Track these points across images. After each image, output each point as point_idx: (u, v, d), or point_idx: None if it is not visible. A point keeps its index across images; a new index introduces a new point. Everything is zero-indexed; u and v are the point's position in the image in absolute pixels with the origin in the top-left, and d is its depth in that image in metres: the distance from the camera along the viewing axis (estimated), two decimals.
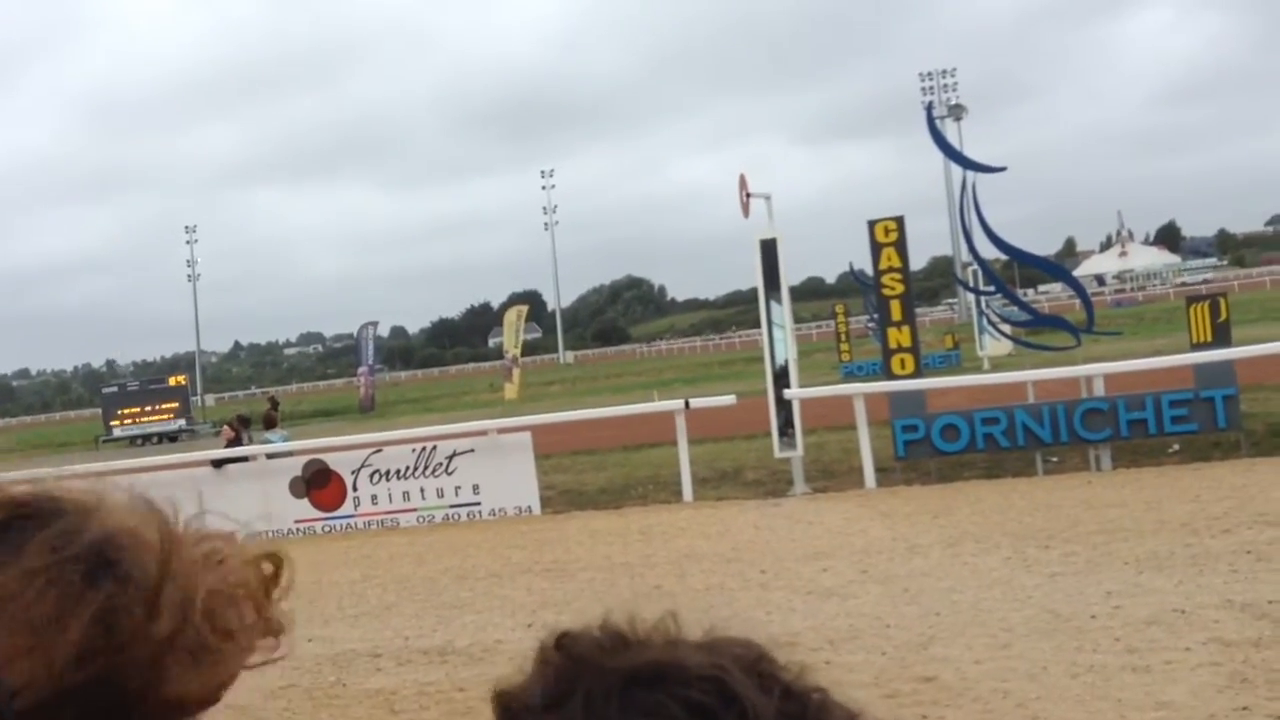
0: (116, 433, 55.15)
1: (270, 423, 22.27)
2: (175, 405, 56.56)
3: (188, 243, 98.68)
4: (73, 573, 0.69)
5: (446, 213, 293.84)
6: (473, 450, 16.68)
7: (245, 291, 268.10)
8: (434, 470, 16.59)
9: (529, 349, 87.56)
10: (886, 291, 17.50)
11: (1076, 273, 40.00)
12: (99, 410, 61.06)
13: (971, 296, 40.59)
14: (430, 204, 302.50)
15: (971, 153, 19.37)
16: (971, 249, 18.97)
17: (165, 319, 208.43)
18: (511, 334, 55.93)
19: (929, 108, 30.40)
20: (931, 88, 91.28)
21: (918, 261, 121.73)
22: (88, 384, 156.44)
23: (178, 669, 0.71)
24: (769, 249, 16.86)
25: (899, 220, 17.43)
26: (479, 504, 16.43)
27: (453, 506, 16.48)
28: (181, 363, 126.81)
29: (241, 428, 20.12)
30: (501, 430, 17.33)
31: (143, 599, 0.71)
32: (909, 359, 17.24)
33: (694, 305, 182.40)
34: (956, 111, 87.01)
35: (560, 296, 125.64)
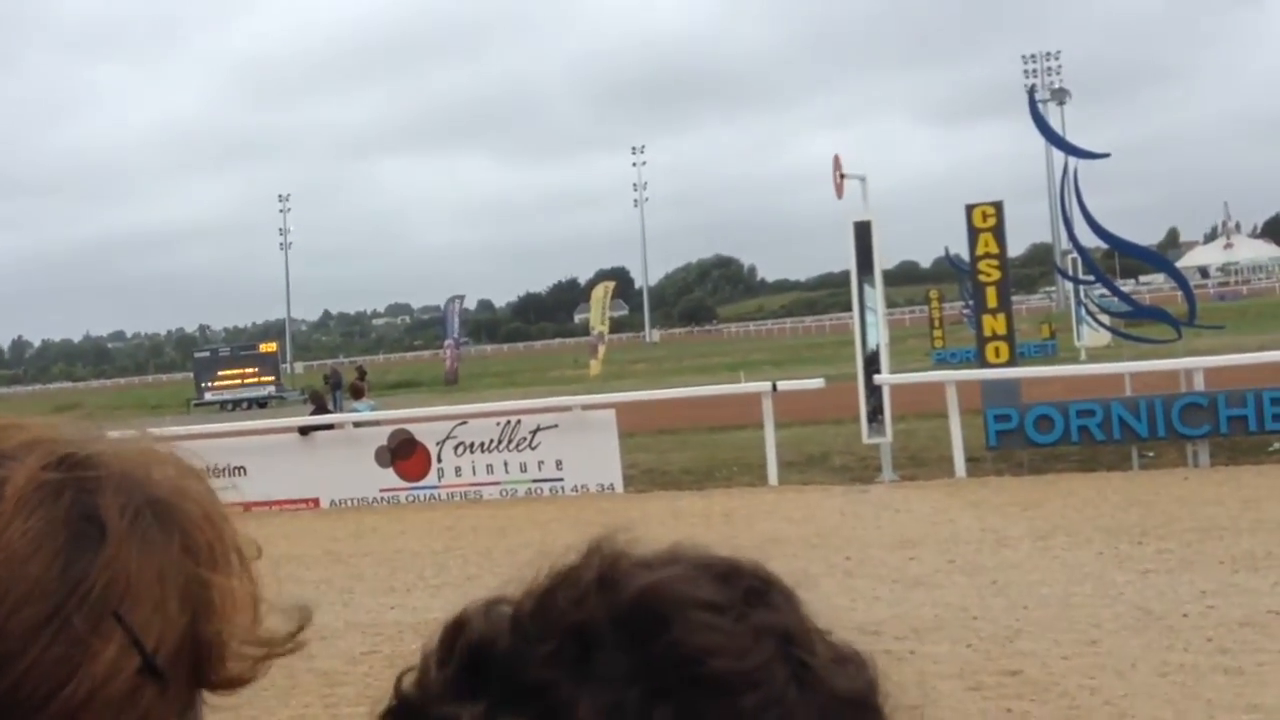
0: (208, 397, 56.15)
1: (358, 392, 22.60)
2: (265, 371, 57.50)
3: (281, 211, 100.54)
4: (152, 529, 0.71)
5: (551, 187, 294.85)
6: (557, 426, 16.71)
7: (340, 261, 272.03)
8: (518, 445, 16.65)
9: (615, 326, 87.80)
10: (983, 278, 17.20)
11: (1179, 264, 39.04)
12: (191, 374, 62.04)
13: (1070, 285, 39.82)
14: (539, 178, 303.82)
15: (1075, 139, 18.92)
16: (1071, 237, 18.55)
17: (260, 286, 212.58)
18: (598, 310, 55.98)
19: (1031, 91, 29.85)
20: (1034, 70, 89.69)
21: (1016, 248, 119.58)
22: (181, 348, 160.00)
23: (236, 617, 0.74)
24: (863, 231, 16.65)
25: (997, 205, 17.11)
26: (562, 480, 16.46)
27: (535, 481, 16.54)
28: (272, 330, 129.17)
29: (334, 386, 20.45)
30: (586, 407, 17.35)
31: (207, 551, 0.73)
32: (1004, 347, 16.92)
33: (784, 287, 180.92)
34: (1060, 95, 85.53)
35: (649, 274, 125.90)
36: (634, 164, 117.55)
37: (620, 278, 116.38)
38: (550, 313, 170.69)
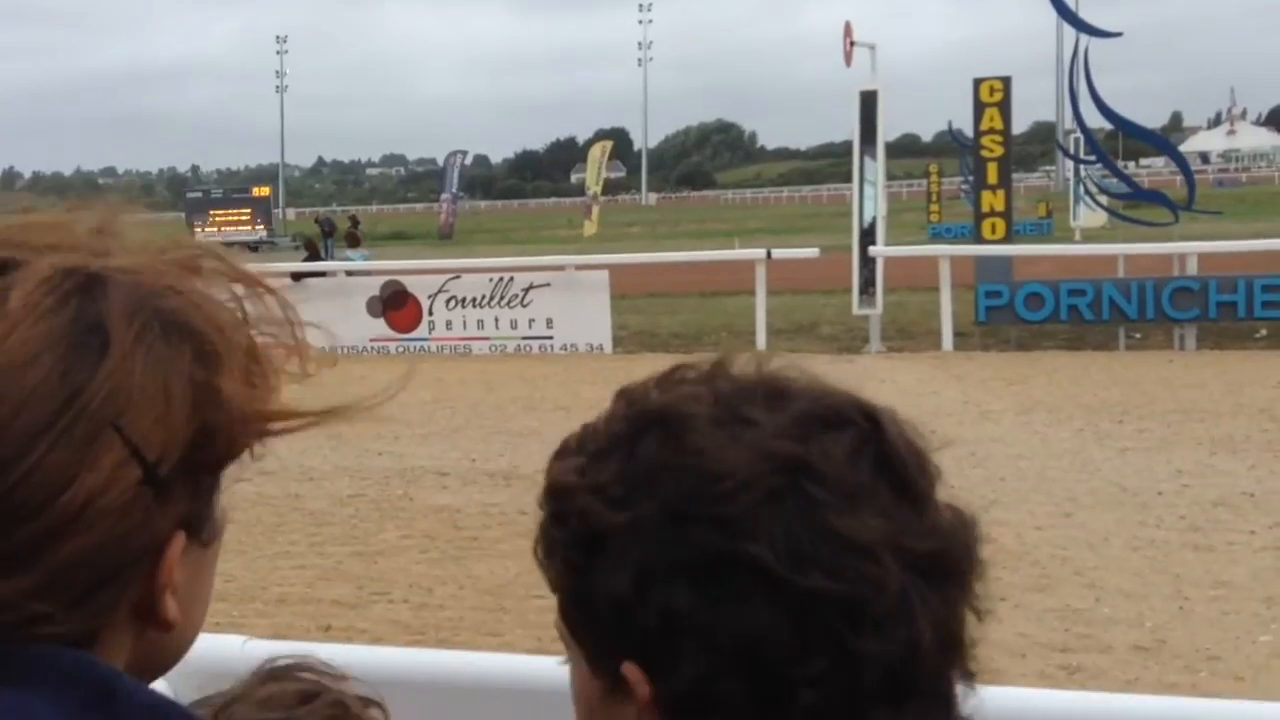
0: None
1: (354, 241, 22.49)
2: (258, 216, 57.10)
3: (278, 53, 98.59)
4: (159, 341, 0.71)
5: (557, 41, 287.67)
6: (549, 285, 16.70)
7: (337, 108, 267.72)
8: (509, 301, 16.67)
9: (611, 188, 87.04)
10: (985, 154, 17.03)
11: (1181, 149, 38.70)
12: (182, 214, 61.40)
13: (1070, 164, 39.50)
14: (546, 31, 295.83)
15: (1088, 16, 18.56)
16: (1077, 115, 18.35)
17: (254, 129, 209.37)
18: (594, 170, 55.28)
19: None
20: None
21: (1019, 125, 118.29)
22: (173, 188, 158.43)
23: (242, 394, 0.75)
24: (869, 101, 16.46)
25: (1005, 80, 16.88)
26: (551, 338, 16.52)
27: (525, 338, 16.60)
28: (265, 174, 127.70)
29: (326, 234, 20.36)
30: (579, 267, 17.31)
31: (217, 360, 0.74)
32: (1000, 224, 16.84)
33: (784, 155, 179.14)
34: None
35: (648, 137, 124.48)
36: (639, 21, 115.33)
37: (619, 139, 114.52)
38: (547, 171, 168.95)
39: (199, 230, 55.90)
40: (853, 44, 16.76)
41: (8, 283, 0.70)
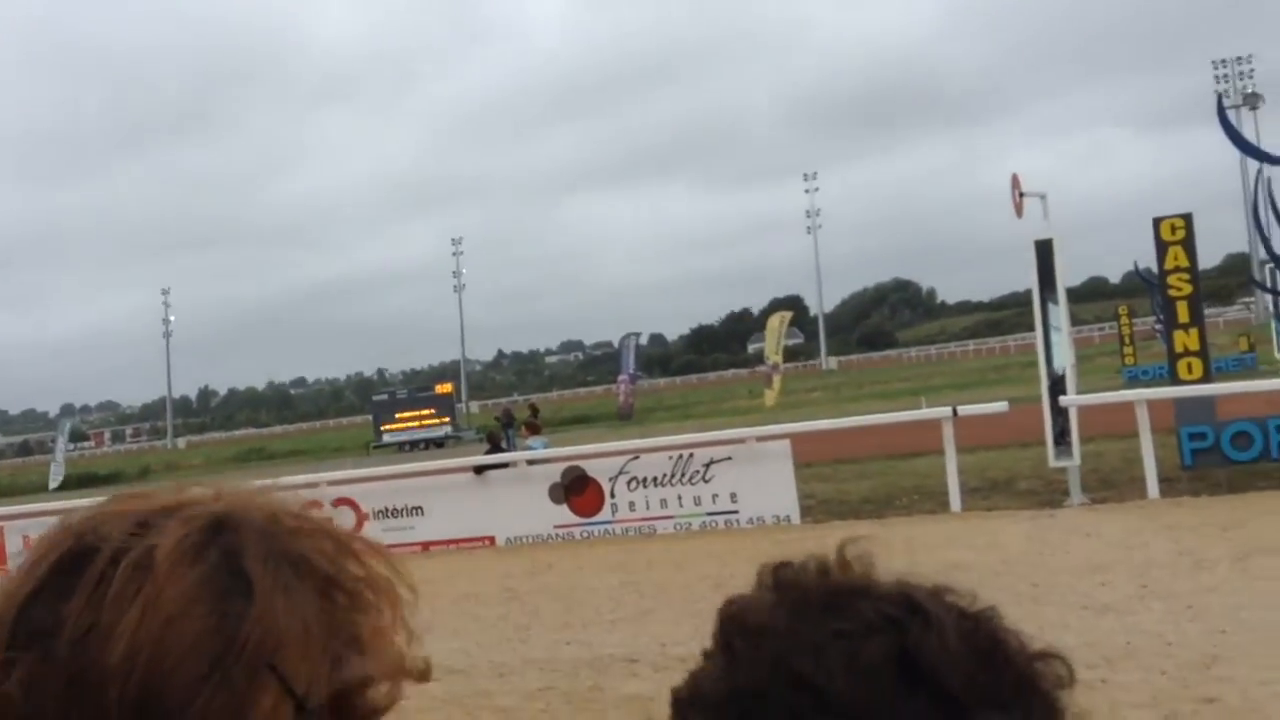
0: (386, 439, 57.55)
1: (533, 429, 22.88)
2: (442, 412, 58.72)
3: (454, 254, 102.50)
4: (294, 581, 0.76)
5: (728, 217, 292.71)
6: (730, 458, 16.57)
7: (514, 302, 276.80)
8: (691, 478, 16.56)
9: (791, 355, 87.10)
10: (1172, 292, 16.45)
11: None
12: (370, 417, 63.64)
13: (1269, 297, 38.00)
14: (717, 209, 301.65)
15: (1270, 145, 18.01)
16: (1267, 246, 17.66)
17: (437, 329, 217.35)
18: (774, 339, 55.69)
19: (1220, 97, 28.64)
20: (1225, 75, 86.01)
21: (1211, 258, 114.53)
22: (360, 392, 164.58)
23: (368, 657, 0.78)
24: (1044, 249, 16.15)
25: (1186, 218, 16.37)
26: (737, 512, 16.30)
27: (710, 514, 16.42)
28: (448, 371, 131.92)
29: (505, 424, 20.74)
30: (760, 438, 17.16)
31: (342, 595, 0.78)
32: (1196, 363, 16.13)
33: (966, 308, 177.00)
34: (1252, 100, 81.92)
35: (824, 301, 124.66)
36: (805, 190, 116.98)
37: (795, 306, 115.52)
38: (724, 343, 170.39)
39: (387, 431, 58.08)
40: (1022, 195, 16.55)
41: (151, 541, 0.74)
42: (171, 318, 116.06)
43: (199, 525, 0.75)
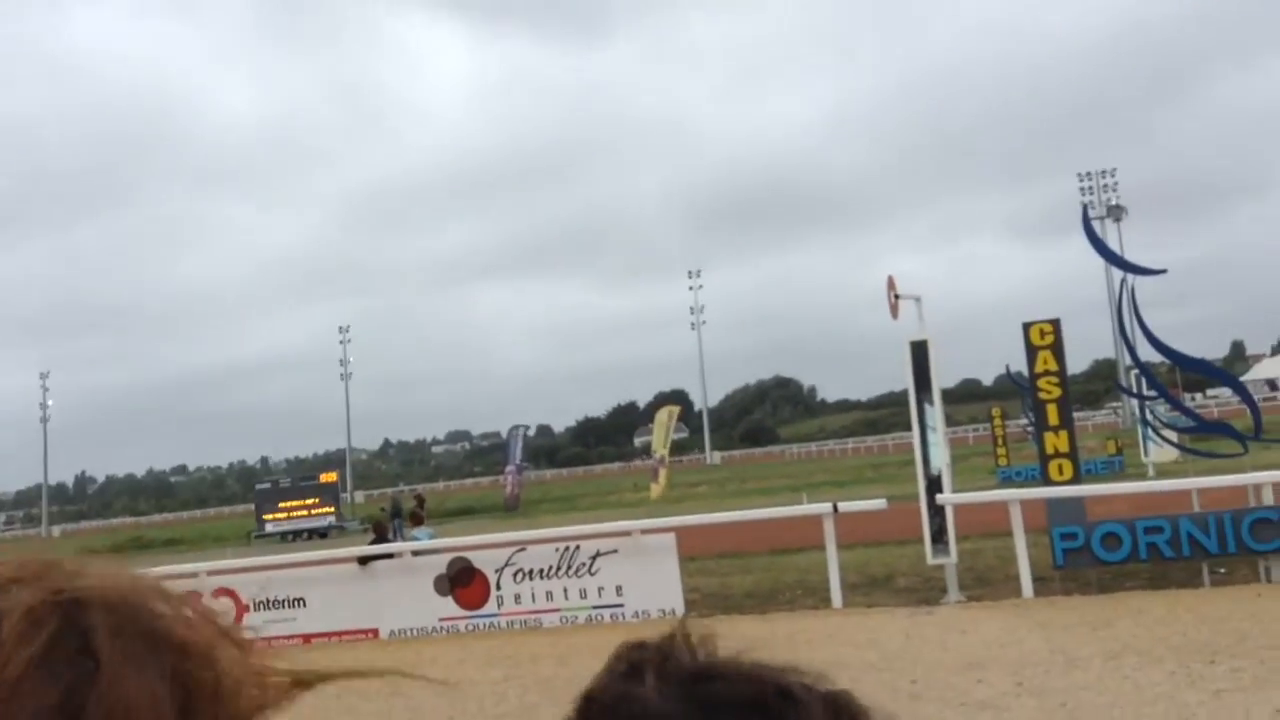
0: (269, 528, 56.41)
1: (417, 520, 22.69)
2: (326, 501, 57.84)
3: (341, 343, 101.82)
4: (145, 654, 0.74)
5: (610, 313, 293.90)
6: (616, 551, 16.61)
7: (401, 390, 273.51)
8: (577, 570, 16.56)
9: (676, 448, 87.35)
10: (1043, 395, 17.02)
11: (1246, 377, 38.47)
12: (252, 506, 62.41)
13: (1134, 402, 39.35)
14: (601, 304, 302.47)
15: (1135, 255, 18.88)
16: (1132, 353, 18.39)
17: (322, 417, 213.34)
18: (662, 433, 55.94)
19: (1085, 208, 29.91)
20: (1090, 188, 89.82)
21: (1080, 363, 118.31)
22: (242, 480, 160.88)
23: None
24: (920, 351, 16.63)
25: (1055, 323, 17.01)
26: (622, 605, 16.32)
27: (596, 607, 16.41)
28: (333, 460, 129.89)
29: (393, 514, 20.49)
30: (645, 531, 17.25)
31: (195, 668, 0.76)
32: (1067, 465, 16.68)
33: (845, 406, 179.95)
34: (1116, 212, 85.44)
35: (708, 396, 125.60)
36: (690, 287, 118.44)
37: (680, 400, 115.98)
38: (610, 436, 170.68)
39: (270, 520, 56.92)
40: (897, 297, 17.05)
41: None
42: (49, 402, 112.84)
43: (46, 597, 0.74)
